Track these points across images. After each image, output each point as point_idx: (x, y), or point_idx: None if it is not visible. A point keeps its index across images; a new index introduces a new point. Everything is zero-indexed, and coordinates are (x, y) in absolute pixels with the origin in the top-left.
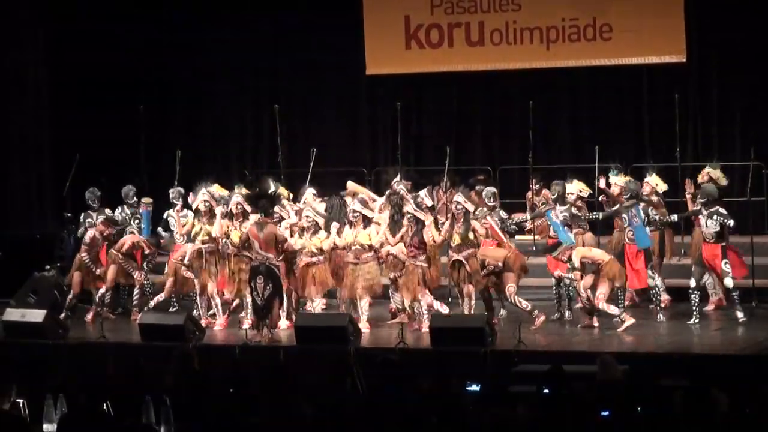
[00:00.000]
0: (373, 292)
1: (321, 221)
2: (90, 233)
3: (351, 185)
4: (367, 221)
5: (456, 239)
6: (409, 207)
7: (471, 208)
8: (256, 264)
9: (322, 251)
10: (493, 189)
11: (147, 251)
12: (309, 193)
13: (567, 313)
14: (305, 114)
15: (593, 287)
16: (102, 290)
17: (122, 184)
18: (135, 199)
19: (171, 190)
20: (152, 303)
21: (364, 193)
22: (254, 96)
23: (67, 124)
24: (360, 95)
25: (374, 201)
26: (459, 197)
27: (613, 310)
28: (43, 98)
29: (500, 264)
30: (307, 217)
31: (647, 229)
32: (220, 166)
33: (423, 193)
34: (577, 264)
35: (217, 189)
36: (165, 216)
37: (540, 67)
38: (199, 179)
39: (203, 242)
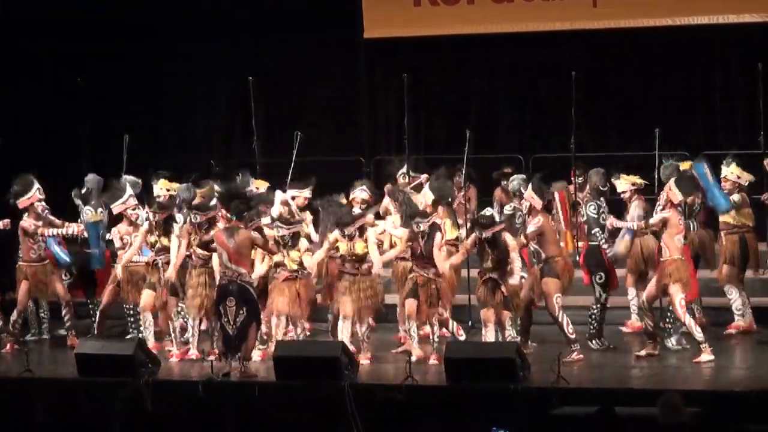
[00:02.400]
0: (373, 310)
1: (304, 229)
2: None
3: (388, 202)
4: (362, 229)
5: (487, 259)
6: (412, 209)
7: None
8: (224, 282)
9: (303, 265)
10: (522, 177)
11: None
12: (278, 199)
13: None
14: (287, 89)
15: (653, 298)
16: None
17: (56, 175)
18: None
19: (118, 182)
20: (96, 323)
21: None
22: (224, 66)
23: None
24: (356, 65)
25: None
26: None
27: (698, 332)
28: None
29: (543, 254)
30: (282, 238)
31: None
32: (180, 155)
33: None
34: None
35: (164, 185)
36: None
37: (584, 28)
38: (152, 171)
39: (158, 251)
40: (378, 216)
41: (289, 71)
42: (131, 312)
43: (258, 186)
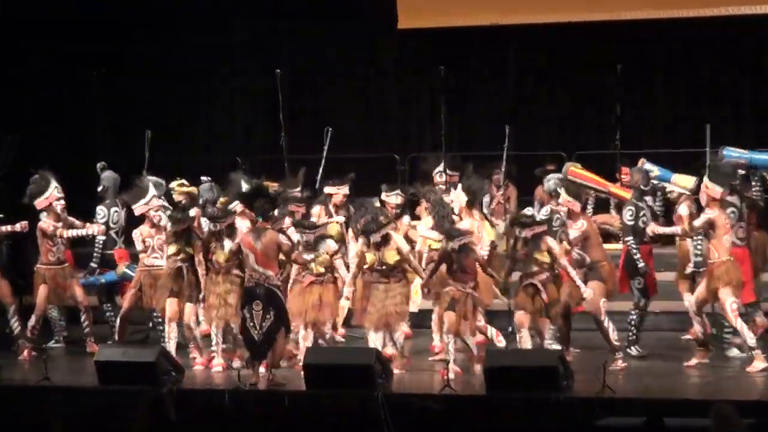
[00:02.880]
0: (405, 318)
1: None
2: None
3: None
4: (387, 238)
5: (529, 264)
6: (445, 211)
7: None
8: (251, 285)
9: (332, 267)
10: (559, 176)
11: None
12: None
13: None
14: (317, 82)
15: (703, 303)
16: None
17: (71, 175)
18: None
19: (140, 181)
20: (117, 329)
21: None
22: (250, 58)
23: None
24: (390, 56)
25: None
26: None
27: (749, 337)
28: None
29: (587, 259)
30: (306, 243)
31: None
32: (204, 152)
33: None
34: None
35: (179, 187)
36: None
37: (630, 18)
38: (176, 169)
39: (182, 258)
40: (414, 218)
41: (318, 64)
42: (157, 319)
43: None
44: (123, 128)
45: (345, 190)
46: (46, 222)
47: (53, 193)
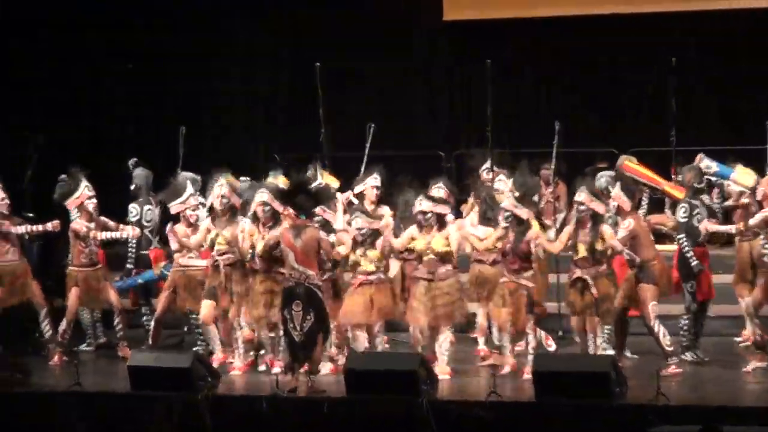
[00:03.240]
0: (453, 319)
1: (378, 226)
2: None
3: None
4: (442, 222)
5: (581, 250)
6: (507, 202)
7: (601, 208)
8: (291, 284)
9: (382, 266)
10: (611, 174)
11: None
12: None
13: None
14: (359, 76)
15: (760, 305)
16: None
17: (101, 173)
18: None
19: (176, 179)
20: (151, 333)
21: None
22: (288, 50)
23: (22, 87)
24: (434, 50)
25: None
26: (582, 195)
27: None
28: None
29: (637, 259)
30: (358, 229)
31: None
32: (240, 148)
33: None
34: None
35: (229, 180)
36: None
37: (690, 10)
38: (210, 167)
39: (220, 252)
40: (459, 215)
41: (360, 56)
42: (195, 321)
43: (328, 182)
44: (155, 124)
45: (373, 181)
46: (78, 222)
47: (84, 192)
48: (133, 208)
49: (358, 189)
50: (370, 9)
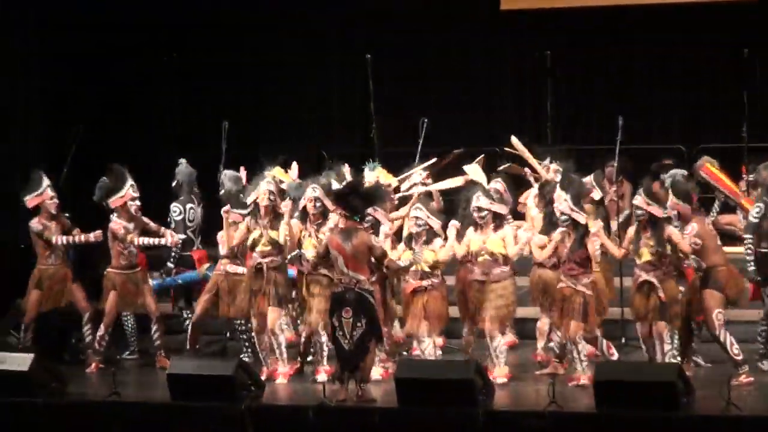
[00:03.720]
0: (503, 323)
1: (437, 225)
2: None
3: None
4: (500, 220)
5: (644, 253)
6: (564, 205)
7: (659, 211)
8: (340, 290)
9: (437, 269)
10: (682, 173)
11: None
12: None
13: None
14: (410, 68)
15: None
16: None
17: (142, 169)
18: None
19: (222, 176)
20: (188, 340)
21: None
22: (337, 40)
23: (64, 81)
24: (491, 41)
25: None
26: (638, 199)
27: None
28: (28, 42)
29: (703, 264)
30: (416, 219)
31: None
32: (286, 144)
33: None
34: None
35: (279, 175)
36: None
37: None
38: (255, 164)
39: (264, 254)
40: (516, 216)
41: (413, 48)
42: (241, 327)
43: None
44: (197, 119)
45: (417, 177)
46: (117, 223)
47: (128, 192)
48: (176, 207)
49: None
50: None
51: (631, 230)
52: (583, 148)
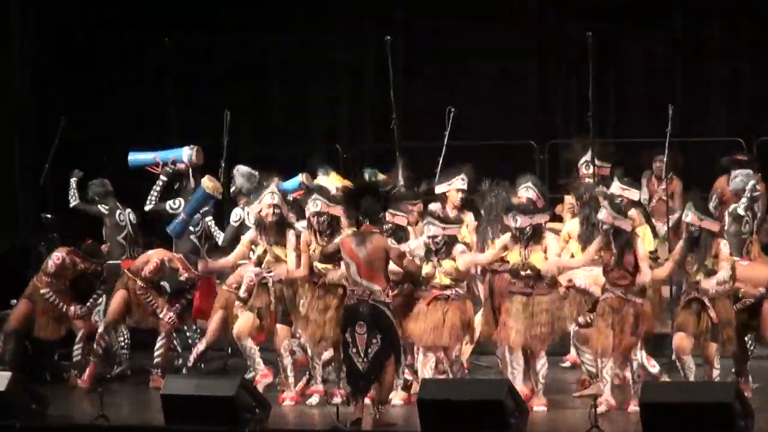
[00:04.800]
0: (551, 340)
1: (456, 230)
2: (56, 257)
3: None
4: (539, 232)
5: (697, 272)
6: (603, 213)
7: (714, 227)
8: (353, 302)
9: (460, 278)
10: (747, 173)
11: (184, 277)
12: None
13: None
14: (434, 52)
15: None
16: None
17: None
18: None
19: (235, 171)
20: (191, 358)
21: None
22: (355, 24)
23: (49, 69)
24: (525, 20)
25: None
26: (690, 216)
27: None
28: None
29: (762, 290)
30: (433, 239)
31: None
32: (297, 139)
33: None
34: None
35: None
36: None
37: None
38: (260, 161)
39: (269, 269)
40: (553, 218)
41: (438, 28)
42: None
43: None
44: (194, 108)
45: (457, 183)
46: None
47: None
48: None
49: (440, 189)
50: None
51: (679, 246)
52: (629, 140)
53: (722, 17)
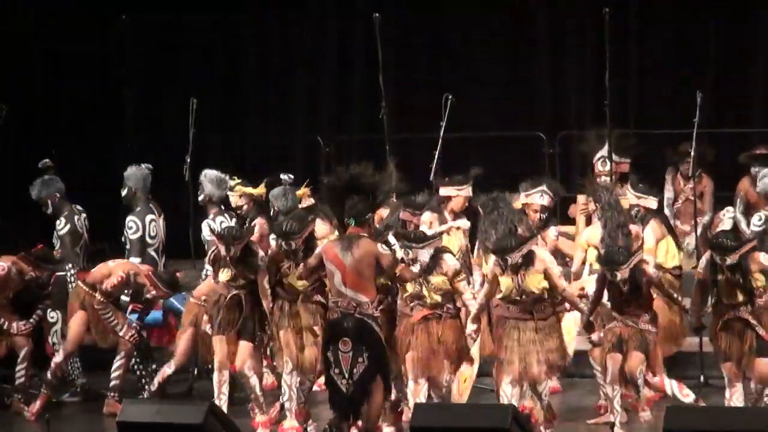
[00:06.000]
0: (558, 367)
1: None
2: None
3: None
4: (530, 256)
5: (733, 294)
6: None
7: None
8: (336, 317)
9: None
10: None
11: (149, 294)
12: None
13: None
14: (430, 33)
15: None
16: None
17: (85, 157)
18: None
19: (202, 177)
20: (155, 382)
21: None
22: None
23: None
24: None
25: None
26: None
27: None
28: None
29: None
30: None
31: None
32: (274, 130)
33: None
34: None
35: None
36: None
37: None
38: (230, 157)
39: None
40: (566, 220)
41: (433, 6)
42: (209, 366)
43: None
44: (153, 97)
45: (468, 191)
46: None
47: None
48: (133, 223)
49: (448, 192)
50: None
51: (706, 257)
52: (651, 132)
53: None
